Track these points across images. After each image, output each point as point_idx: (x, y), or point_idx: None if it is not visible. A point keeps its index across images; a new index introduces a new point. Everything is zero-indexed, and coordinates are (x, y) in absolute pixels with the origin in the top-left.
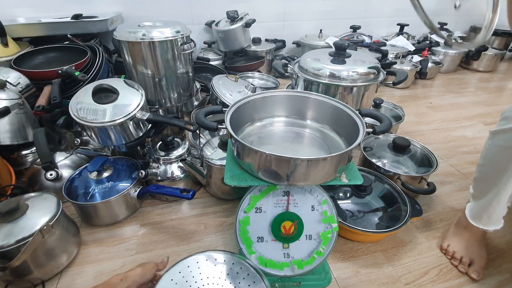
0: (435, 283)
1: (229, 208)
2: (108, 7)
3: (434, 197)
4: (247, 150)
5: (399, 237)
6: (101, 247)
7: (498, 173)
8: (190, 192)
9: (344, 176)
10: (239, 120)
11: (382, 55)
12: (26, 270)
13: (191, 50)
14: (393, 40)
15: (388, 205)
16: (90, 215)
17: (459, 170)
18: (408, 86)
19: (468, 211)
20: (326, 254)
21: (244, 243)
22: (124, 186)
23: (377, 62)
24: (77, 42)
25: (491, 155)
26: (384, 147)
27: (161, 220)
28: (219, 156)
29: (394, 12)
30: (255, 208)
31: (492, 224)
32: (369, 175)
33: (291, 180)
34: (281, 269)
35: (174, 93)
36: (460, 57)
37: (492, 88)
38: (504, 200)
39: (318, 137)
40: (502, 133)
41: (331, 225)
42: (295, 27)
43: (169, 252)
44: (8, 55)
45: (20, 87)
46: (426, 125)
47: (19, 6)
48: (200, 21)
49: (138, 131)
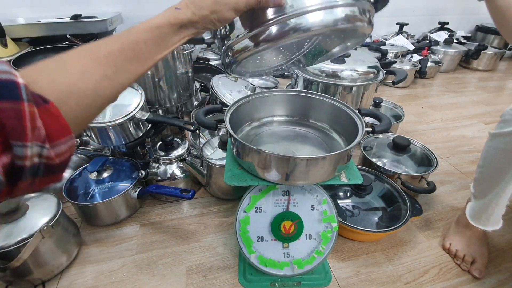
0: (435, 282)
1: (229, 208)
2: (108, 7)
3: (434, 197)
4: (247, 150)
5: (399, 237)
6: (101, 247)
7: (497, 175)
8: (190, 192)
9: (343, 175)
10: (239, 119)
11: (382, 55)
12: (27, 270)
13: (190, 50)
14: (392, 39)
15: (388, 204)
16: (90, 215)
17: (459, 170)
18: (408, 85)
19: (468, 210)
20: (326, 253)
21: (244, 243)
22: (124, 186)
23: (377, 61)
24: (77, 42)
25: (491, 157)
26: (384, 146)
27: (161, 220)
28: (219, 156)
29: (393, 11)
30: (255, 207)
31: (491, 225)
32: (369, 175)
33: (291, 179)
34: (281, 268)
35: (173, 93)
36: (459, 56)
37: (492, 87)
38: (503, 202)
39: (318, 137)
40: (501, 136)
41: (331, 224)
42: None
43: (169, 252)
44: (7, 56)
45: None
46: (426, 125)
47: (18, 6)
48: None
49: (138, 131)
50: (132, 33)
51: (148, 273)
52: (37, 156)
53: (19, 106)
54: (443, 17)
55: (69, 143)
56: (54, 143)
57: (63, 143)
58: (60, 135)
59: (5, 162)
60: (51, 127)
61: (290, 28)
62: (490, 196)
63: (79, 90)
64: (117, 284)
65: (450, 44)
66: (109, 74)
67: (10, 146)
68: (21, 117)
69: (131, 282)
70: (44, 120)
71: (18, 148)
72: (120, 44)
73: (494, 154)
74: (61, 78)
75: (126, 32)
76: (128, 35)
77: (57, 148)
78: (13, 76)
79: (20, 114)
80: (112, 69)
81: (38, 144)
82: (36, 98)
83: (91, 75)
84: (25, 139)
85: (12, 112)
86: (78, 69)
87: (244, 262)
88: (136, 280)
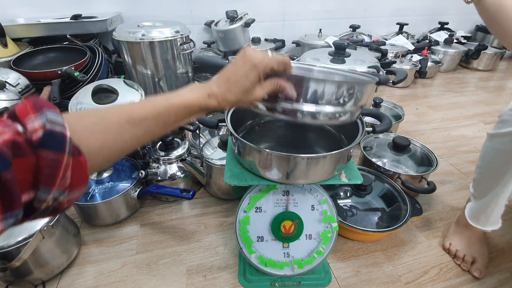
0: (435, 282)
1: (229, 208)
2: (108, 7)
3: (434, 196)
4: (248, 149)
5: (399, 237)
6: (101, 247)
7: (496, 175)
8: (190, 192)
9: (344, 175)
10: (239, 118)
11: (382, 55)
12: (27, 270)
13: (190, 50)
14: (392, 39)
15: (388, 204)
16: (90, 215)
17: (459, 169)
18: (408, 85)
19: (467, 210)
20: (326, 253)
21: (244, 243)
22: (124, 186)
23: (377, 61)
24: (77, 42)
25: (489, 157)
26: (384, 146)
27: (161, 220)
28: (219, 156)
29: (393, 11)
30: (255, 207)
31: (490, 225)
32: (369, 175)
33: (291, 178)
34: (281, 268)
35: None
36: (459, 56)
37: (492, 87)
38: (502, 202)
39: (318, 136)
40: (499, 137)
41: (331, 224)
42: (294, 26)
43: (169, 252)
44: (7, 56)
45: (19, 88)
46: (426, 125)
47: (18, 6)
48: (200, 21)
49: None
50: (167, 104)
51: (148, 273)
52: (52, 200)
53: (60, 158)
54: (443, 17)
55: (82, 190)
56: (72, 190)
57: (78, 191)
58: (79, 184)
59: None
60: (75, 176)
61: (296, 115)
62: (489, 196)
63: (110, 147)
64: (117, 284)
65: (450, 44)
66: (139, 136)
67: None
68: (57, 167)
69: (131, 282)
70: (72, 170)
71: (43, 192)
72: (156, 112)
73: (493, 155)
74: (99, 134)
75: (163, 100)
76: (163, 103)
77: (71, 195)
78: (64, 129)
79: (58, 165)
80: (143, 132)
81: (60, 191)
82: (75, 151)
83: (124, 136)
84: (52, 186)
85: (52, 162)
86: (115, 129)
87: (244, 262)
88: (136, 280)
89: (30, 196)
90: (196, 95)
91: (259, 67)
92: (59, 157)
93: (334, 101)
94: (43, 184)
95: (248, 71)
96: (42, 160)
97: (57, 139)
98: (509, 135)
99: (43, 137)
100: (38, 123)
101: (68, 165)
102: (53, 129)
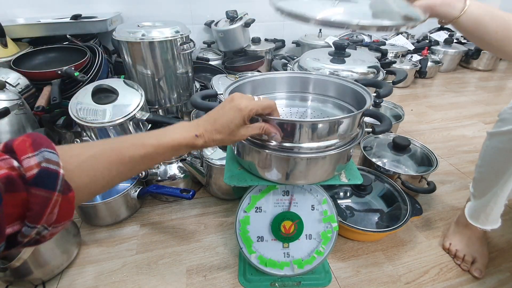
0: (435, 282)
1: (229, 208)
2: (108, 7)
3: (434, 196)
4: (247, 149)
5: (399, 236)
6: (101, 247)
7: (495, 174)
8: (190, 192)
9: (343, 175)
10: None
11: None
12: (27, 270)
13: (190, 50)
14: (392, 39)
15: (388, 204)
16: (90, 215)
17: (459, 169)
18: (408, 85)
19: (467, 209)
20: (326, 253)
21: (244, 243)
22: (124, 186)
23: (377, 61)
24: (77, 42)
25: (489, 157)
26: (384, 146)
27: (161, 220)
28: (219, 156)
29: None
30: (255, 207)
31: (490, 224)
32: (369, 175)
33: (291, 179)
34: (281, 268)
35: (173, 93)
36: (459, 56)
37: (492, 87)
38: (501, 201)
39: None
40: (499, 135)
41: (331, 224)
42: (294, 26)
43: (169, 252)
44: (7, 56)
45: (19, 88)
46: (426, 125)
47: (18, 6)
48: (200, 21)
49: (138, 131)
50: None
51: (148, 273)
52: (35, 234)
53: (51, 196)
54: None
55: (66, 225)
56: (56, 225)
57: (62, 225)
58: (64, 219)
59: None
60: (61, 213)
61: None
62: (489, 195)
63: (97, 183)
64: (117, 284)
65: (450, 44)
66: (126, 172)
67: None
68: (46, 205)
69: (131, 282)
70: (60, 207)
71: (28, 228)
72: (144, 151)
73: (492, 154)
74: (89, 171)
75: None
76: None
77: (55, 229)
78: (58, 168)
79: (47, 203)
80: (130, 169)
81: (45, 226)
82: (65, 188)
83: (112, 172)
84: (38, 223)
85: (42, 200)
86: (105, 167)
87: (244, 262)
88: (136, 280)
89: (14, 229)
90: (183, 136)
91: (244, 112)
92: (50, 195)
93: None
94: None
95: (233, 115)
96: (33, 197)
97: (50, 178)
98: (509, 134)
99: (37, 175)
100: (35, 161)
101: (57, 203)
102: (48, 167)
